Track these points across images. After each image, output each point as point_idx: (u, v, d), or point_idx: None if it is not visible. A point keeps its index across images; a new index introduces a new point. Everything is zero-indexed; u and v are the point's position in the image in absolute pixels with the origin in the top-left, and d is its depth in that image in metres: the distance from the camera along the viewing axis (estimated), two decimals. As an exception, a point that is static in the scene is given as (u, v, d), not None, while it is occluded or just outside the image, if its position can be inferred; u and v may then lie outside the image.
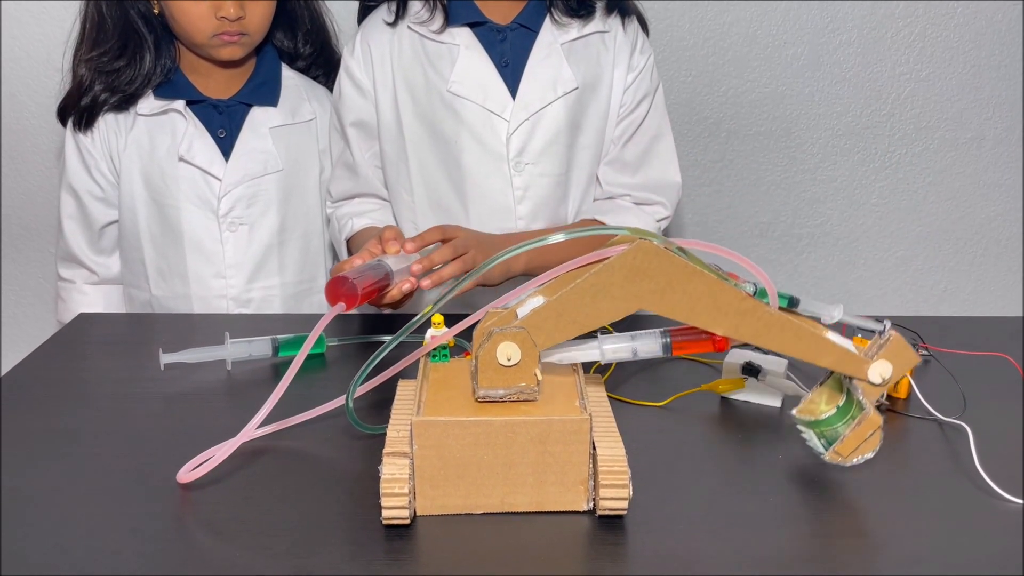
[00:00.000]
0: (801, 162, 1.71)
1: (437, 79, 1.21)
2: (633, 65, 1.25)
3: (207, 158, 1.28)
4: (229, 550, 0.69)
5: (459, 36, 1.21)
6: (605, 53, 1.23)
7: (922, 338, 1.05)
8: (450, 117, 1.21)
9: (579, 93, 1.22)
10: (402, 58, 1.23)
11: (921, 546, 0.70)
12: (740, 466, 0.83)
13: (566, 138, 1.23)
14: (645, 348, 0.80)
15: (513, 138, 1.21)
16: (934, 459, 0.84)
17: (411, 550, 0.69)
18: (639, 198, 1.27)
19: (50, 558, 0.68)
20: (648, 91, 1.27)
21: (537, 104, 1.20)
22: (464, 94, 1.20)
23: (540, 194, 1.23)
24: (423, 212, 1.26)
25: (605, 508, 0.71)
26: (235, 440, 0.77)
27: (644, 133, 1.27)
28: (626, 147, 1.27)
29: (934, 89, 1.68)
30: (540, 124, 1.21)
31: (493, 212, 1.23)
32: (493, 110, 1.20)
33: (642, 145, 1.27)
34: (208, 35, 1.22)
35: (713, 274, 0.71)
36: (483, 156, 1.21)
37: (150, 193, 1.30)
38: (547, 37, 1.21)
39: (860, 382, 0.76)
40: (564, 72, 1.20)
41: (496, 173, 1.22)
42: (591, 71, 1.23)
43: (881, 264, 1.78)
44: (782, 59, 1.65)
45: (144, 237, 1.31)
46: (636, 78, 1.25)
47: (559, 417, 0.71)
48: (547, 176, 1.23)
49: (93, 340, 1.13)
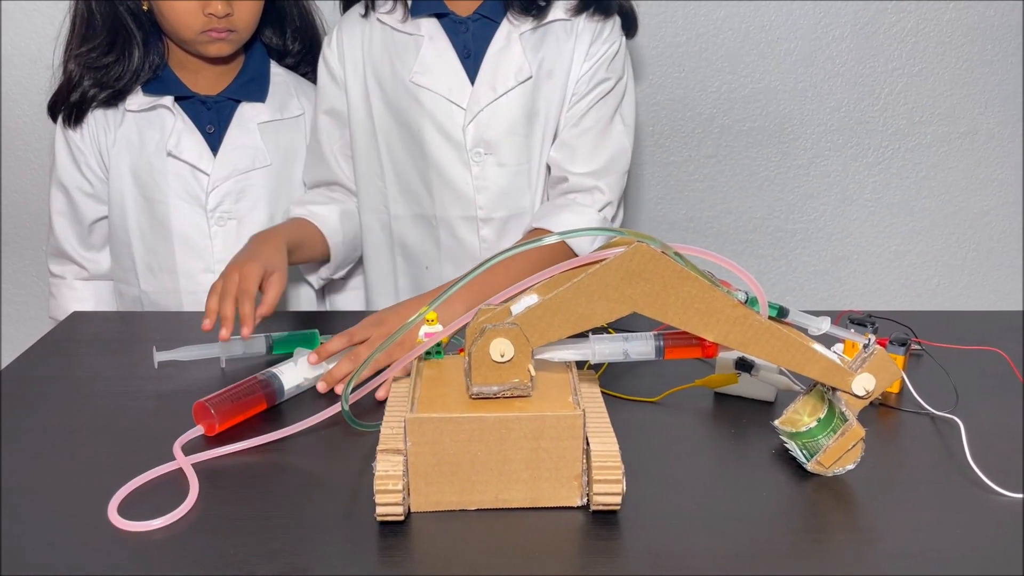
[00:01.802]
0: (794, 158, 1.72)
1: (403, 69, 1.23)
2: (591, 53, 1.23)
3: (195, 153, 1.28)
4: (224, 548, 0.69)
5: (424, 27, 1.22)
6: (566, 41, 1.22)
7: (915, 333, 1.06)
8: (414, 106, 1.22)
9: (535, 82, 1.21)
10: (372, 49, 1.25)
11: (913, 540, 0.70)
12: (733, 461, 0.83)
13: (523, 128, 1.23)
14: (637, 350, 0.80)
15: (470, 128, 1.21)
16: (926, 453, 0.84)
17: (405, 547, 0.69)
18: (578, 185, 1.23)
19: (46, 557, 0.68)
20: (603, 80, 1.23)
21: (491, 94, 1.20)
22: (425, 84, 1.21)
23: (499, 184, 1.24)
24: (394, 199, 1.28)
25: (599, 503, 0.71)
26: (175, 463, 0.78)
27: (594, 120, 1.24)
28: (572, 131, 1.24)
29: (927, 84, 1.69)
30: (496, 114, 1.21)
31: (455, 201, 1.25)
32: (452, 99, 1.21)
33: (590, 131, 1.24)
34: (196, 32, 1.22)
35: (707, 281, 0.72)
36: (444, 145, 1.23)
37: (139, 189, 1.30)
38: (506, 27, 1.21)
39: (844, 394, 0.77)
40: (520, 61, 1.20)
41: (457, 162, 1.23)
42: (550, 60, 1.22)
43: (874, 259, 1.79)
44: (775, 55, 1.65)
45: (133, 233, 1.31)
46: (593, 66, 1.23)
47: (552, 413, 0.71)
48: (505, 167, 1.23)
49: (86, 338, 1.13)
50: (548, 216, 1.21)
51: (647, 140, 1.68)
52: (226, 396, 0.88)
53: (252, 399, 0.89)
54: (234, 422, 0.88)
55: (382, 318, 1.02)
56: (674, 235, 1.74)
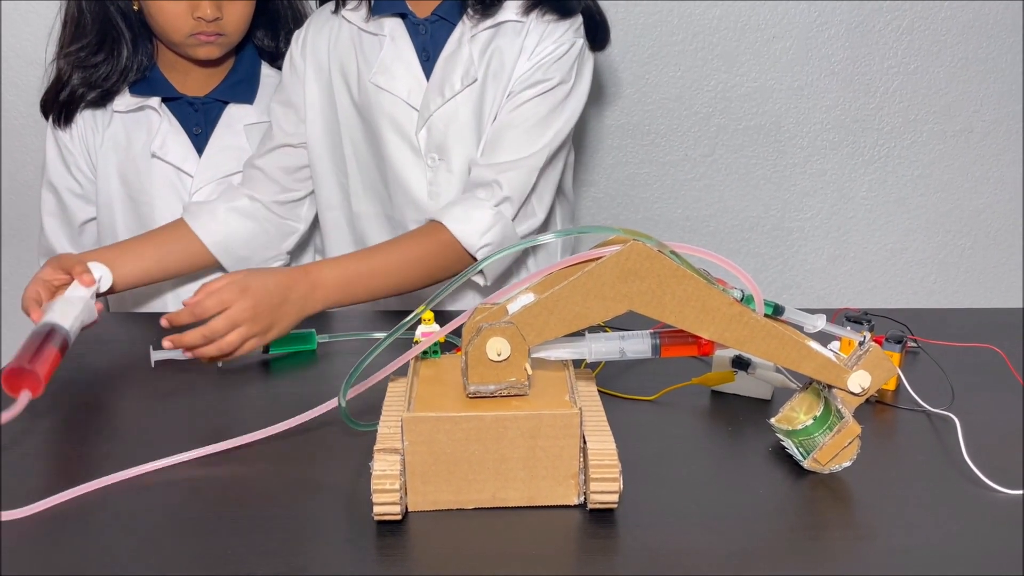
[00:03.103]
0: (790, 156, 1.72)
1: (366, 69, 1.21)
2: (536, 52, 1.17)
3: (180, 155, 1.28)
4: (221, 547, 0.69)
5: (388, 27, 1.20)
6: (516, 40, 1.18)
7: (911, 330, 1.06)
8: (375, 107, 1.21)
9: (481, 85, 1.18)
10: (339, 47, 1.23)
11: (910, 537, 0.71)
12: (730, 459, 0.83)
13: (473, 133, 1.19)
14: (633, 348, 0.80)
15: (423, 132, 1.20)
16: (922, 450, 0.84)
17: (403, 546, 0.69)
18: (479, 177, 1.17)
19: (43, 556, 0.68)
20: (541, 80, 1.16)
21: (439, 99, 1.18)
22: (384, 85, 1.19)
23: (450, 192, 1.21)
24: (357, 194, 1.27)
25: (596, 502, 0.71)
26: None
27: (521, 116, 1.17)
28: (495, 124, 1.19)
29: (923, 82, 1.69)
30: (445, 118, 1.19)
31: (409, 204, 1.23)
32: (409, 102, 1.19)
33: (510, 125, 1.17)
34: (185, 34, 1.21)
35: (703, 279, 0.72)
36: (401, 147, 1.21)
37: (126, 190, 1.30)
38: (460, 29, 1.19)
39: (839, 391, 0.77)
40: (468, 64, 1.17)
41: (413, 165, 1.21)
42: (497, 61, 1.18)
43: (871, 257, 1.79)
44: (771, 53, 1.65)
45: (121, 233, 1.30)
46: (533, 65, 1.17)
47: (549, 411, 0.71)
48: (455, 173, 1.20)
49: (81, 338, 1.12)
50: (443, 210, 1.15)
51: (643, 139, 1.68)
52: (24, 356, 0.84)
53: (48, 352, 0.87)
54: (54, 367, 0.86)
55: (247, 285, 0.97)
56: (671, 234, 1.74)
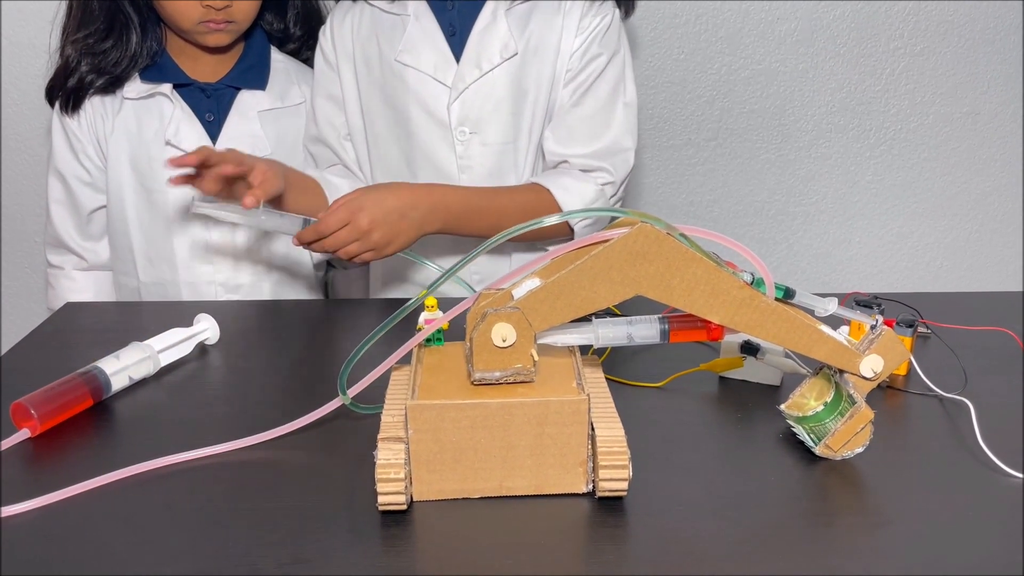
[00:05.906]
0: (795, 139, 1.70)
1: (389, 49, 1.22)
2: (582, 27, 1.21)
3: (195, 142, 1.26)
4: (225, 538, 0.68)
5: (411, 6, 1.21)
6: (554, 17, 1.21)
7: (921, 314, 1.04)
8: (400, 86, 1.22)
9: (521, 59, 1.20)
10: (361, 31, 1.25)
11: (924, 523, 0.69)
12: (740, 446, 0.82)
13: (510, 106, 1.21)
14: (641, 333, 0.78)
15: (455, 106, 1.20)
16: (936, 435, 0.83)
17: (408, 536, 0.68)
18: (580, 164, 1.22)
19: (41, 553, 0.67)
20: (596, 55, 1.21)
21: (476, 72, 1.19)
22: (410, 63, 1.20)
23: (484, 164, 1.22)
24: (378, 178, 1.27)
25: (605, 490, 0.70)
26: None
27: (592, 100, 1.22)
28: (570, 113, 1.22)
29: (928, 64, 1.67)
30: (481, 92, 1.20)
31: (439, 179, 1.23)
32: (437, 78, 1.20)
33: (589, 113, 1.22)
34: (194, 22, 1.20)
35: (712, 262, 0.70)
36: (429, 124, 1.22)
37: (137, 178, 1.28)
38: (492, 4, 1.20)
39: (851, 376, 0.76)
40: (506, 38, 1.19)
41: (442, 141, 1.22)
42: (537, 36, 1.20)
43: (877, 241, 1.78)
44: (775, 35, 1.63)
45: (132, 222, 1.29)
46: (584, 42, 1.21)
47: (556, 398, 0.70)
48: (489, 146, 1.22)
49: (79, 329, 1.11)
50: (547, 176, 1.19)
51: (646, 123, 1.67)
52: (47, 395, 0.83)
53: (75, 397, 0.85)
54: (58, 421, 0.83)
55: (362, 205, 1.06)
56: (675, 219, 1.69)
